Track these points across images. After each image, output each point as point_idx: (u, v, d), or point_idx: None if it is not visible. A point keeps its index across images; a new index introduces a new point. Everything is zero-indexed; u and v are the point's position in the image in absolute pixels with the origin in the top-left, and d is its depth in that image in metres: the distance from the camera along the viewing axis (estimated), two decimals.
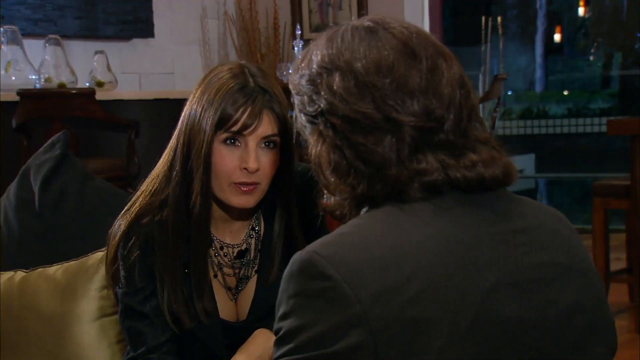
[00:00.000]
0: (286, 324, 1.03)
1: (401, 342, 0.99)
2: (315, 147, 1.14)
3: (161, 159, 1.69)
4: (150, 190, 1.68)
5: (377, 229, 1.05)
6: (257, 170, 1.60)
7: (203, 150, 1.60)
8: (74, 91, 3.93)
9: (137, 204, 1.67)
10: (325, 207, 1.16)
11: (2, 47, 4.16)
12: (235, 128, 1.59)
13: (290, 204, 1.71)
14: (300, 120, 1.18)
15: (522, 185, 10.29)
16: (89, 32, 4.86)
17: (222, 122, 1.59)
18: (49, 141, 2.22)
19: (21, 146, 3.81)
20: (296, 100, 1.18)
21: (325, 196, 1.16)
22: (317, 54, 1.15)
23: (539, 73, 12.49)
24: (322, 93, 1.12)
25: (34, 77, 4.20)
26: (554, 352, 1.08)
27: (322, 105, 1.12)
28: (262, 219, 1.75)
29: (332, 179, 1.12)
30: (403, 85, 1.08)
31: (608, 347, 1.15)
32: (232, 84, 1.60)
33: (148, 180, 1.71)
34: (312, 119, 1.15)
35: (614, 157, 9.18)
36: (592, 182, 4.29)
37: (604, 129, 9.22)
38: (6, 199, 2.19)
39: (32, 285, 1.93)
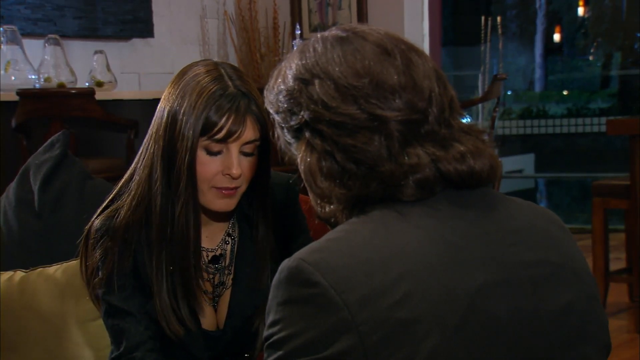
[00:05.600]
0: (276, 331, 1.04)
1: (390, 344, 0.99)
2: (304, 159, 1.14)
3: (138, 161, 1.65)
4: (134, 197, 1.64)
5: (365, 233, 1.06)
6: (240, 175, 1.58)
7: (187, 159, 1.56)
8: (73, 91, 3.93)
9: (123, 212, 1.64)
10: (320, 216, 1.16)
11: (2, 46, 4.16)
12: (219, 136, 1.55)
13: (267, 209, 1.69)
14: (283, 138, 1.19)
15: (521, 184, 10.30)
16: (89, 32, 4.86)
17: (206, 130, 1.55)
18: (49, 141, 2.22)
19: (21, 146, 3.81)
20: (276, 118, 1.18)
21: (319, 206, 1.16)
22: (292, 67, 1.15)
23: (538, 73, 12.50)
24: (304, 104, 1.12)
25: (33, 77, 4.20)
26: (545, 351, 1.08)
27: (305, 116, 1.12)
28: (237, 226, 1.73)
29: (326, 184, 1.12)
30: (382, 83, 1.09)
31: (600, 347, 1.15)
32: (214, 89, 1.56)
33: (126, 181, 1.67)
34: (297, 132, 1.15)
35: (614, 157, 9.19)
36: (591, 182, 4.28)
37: (603, 128, 9.23)
38: (6, 199, 2.19)
39: (32, 285, 1.93)
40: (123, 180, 1.68)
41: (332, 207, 1.13)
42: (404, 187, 1.08)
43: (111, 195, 1.68)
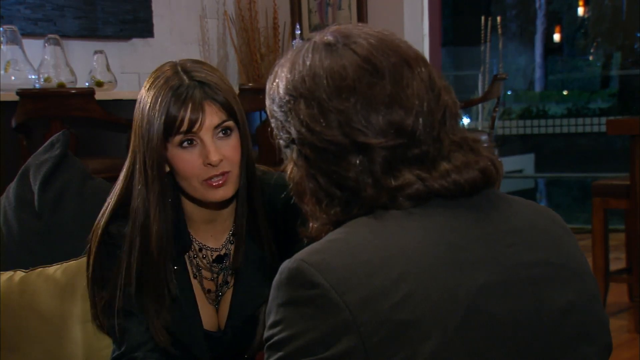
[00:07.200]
0: (277, 332, 1.04)
1: (391, 345, 0.99)
2: (292, 176, 1.16)
3: (124, 171, 1.68)
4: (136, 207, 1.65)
5: (365, 235, 1.06)
6: (221, 161, 1.59)
7: (156, 162, 1.59)
8: (73, 91, 3.92)
9: (131, 219, 1.66)
10: (308, 234, 1.16)
11: (2, 46, 4.16)
12: (183, 128, 1.57)
13: (254, 198, 1.69)
14: (278, 142, 1.19)
15: (521, 184, 10.31)
16: (89, 32, 4.85)
17: (169, 127, 1.57)
18: (49, 141, 2.22)
19: (21, 146, 3.81)
20: (272, 123, 1.18)
21: (309, 222, 1.16)
22: (282, 78, 1.15)
23: (538, 73, 12.50)
24: (292, 121, 1.12)
25: (33, 77, 4.20)
26: (546, 351, 1.08)
27: (292, 134, 1.12)
28: None
29: (311, 206, 1.13)
30: (367, 104, 1.08)
31: (601, 347, 1.15)
32: (167, 89, 1.59)
33: (120, 187, 1.69)
34: (286, 146, 1.16)
35: (614, 157, 9.18)
36: (591, 182, 4.28)
37: (603, 128, 9.23)
38: (6, 199, 2.18)
39: (32, 285, 1.93)
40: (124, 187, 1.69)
41: (318, 225, 1.14)
42: (397, 202, 1.08)
43: (115, 200, 1.69)
